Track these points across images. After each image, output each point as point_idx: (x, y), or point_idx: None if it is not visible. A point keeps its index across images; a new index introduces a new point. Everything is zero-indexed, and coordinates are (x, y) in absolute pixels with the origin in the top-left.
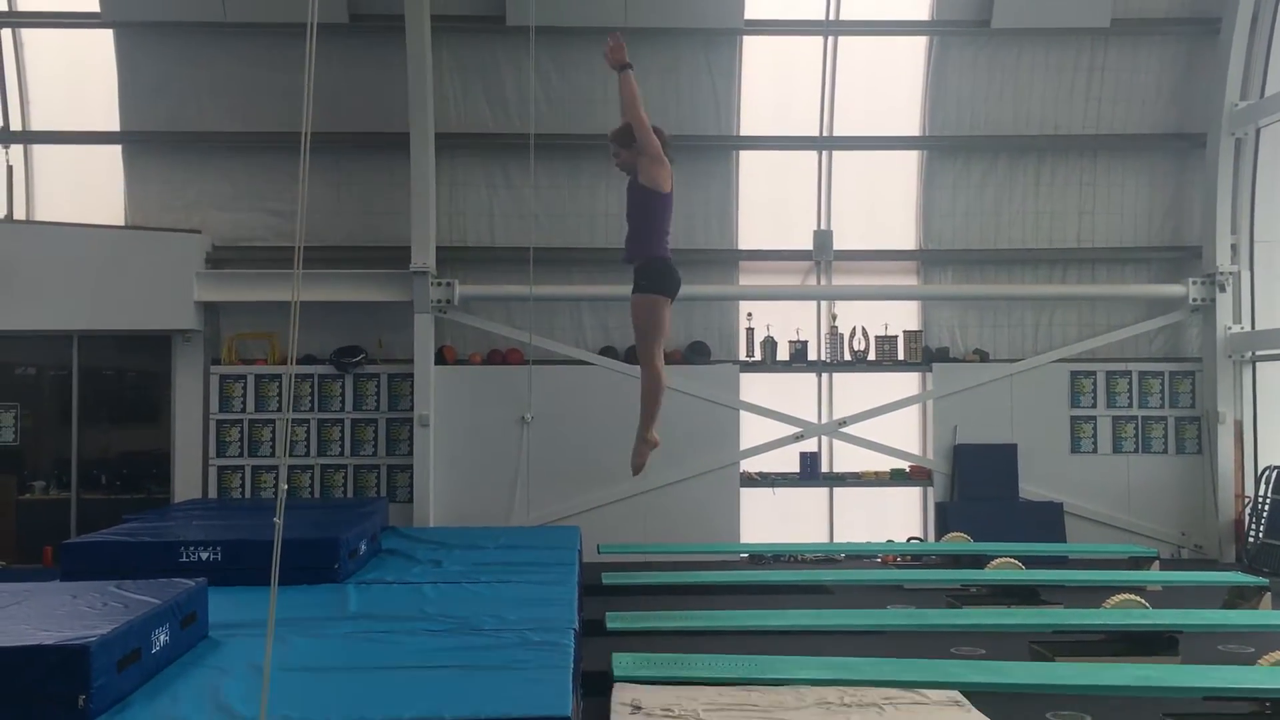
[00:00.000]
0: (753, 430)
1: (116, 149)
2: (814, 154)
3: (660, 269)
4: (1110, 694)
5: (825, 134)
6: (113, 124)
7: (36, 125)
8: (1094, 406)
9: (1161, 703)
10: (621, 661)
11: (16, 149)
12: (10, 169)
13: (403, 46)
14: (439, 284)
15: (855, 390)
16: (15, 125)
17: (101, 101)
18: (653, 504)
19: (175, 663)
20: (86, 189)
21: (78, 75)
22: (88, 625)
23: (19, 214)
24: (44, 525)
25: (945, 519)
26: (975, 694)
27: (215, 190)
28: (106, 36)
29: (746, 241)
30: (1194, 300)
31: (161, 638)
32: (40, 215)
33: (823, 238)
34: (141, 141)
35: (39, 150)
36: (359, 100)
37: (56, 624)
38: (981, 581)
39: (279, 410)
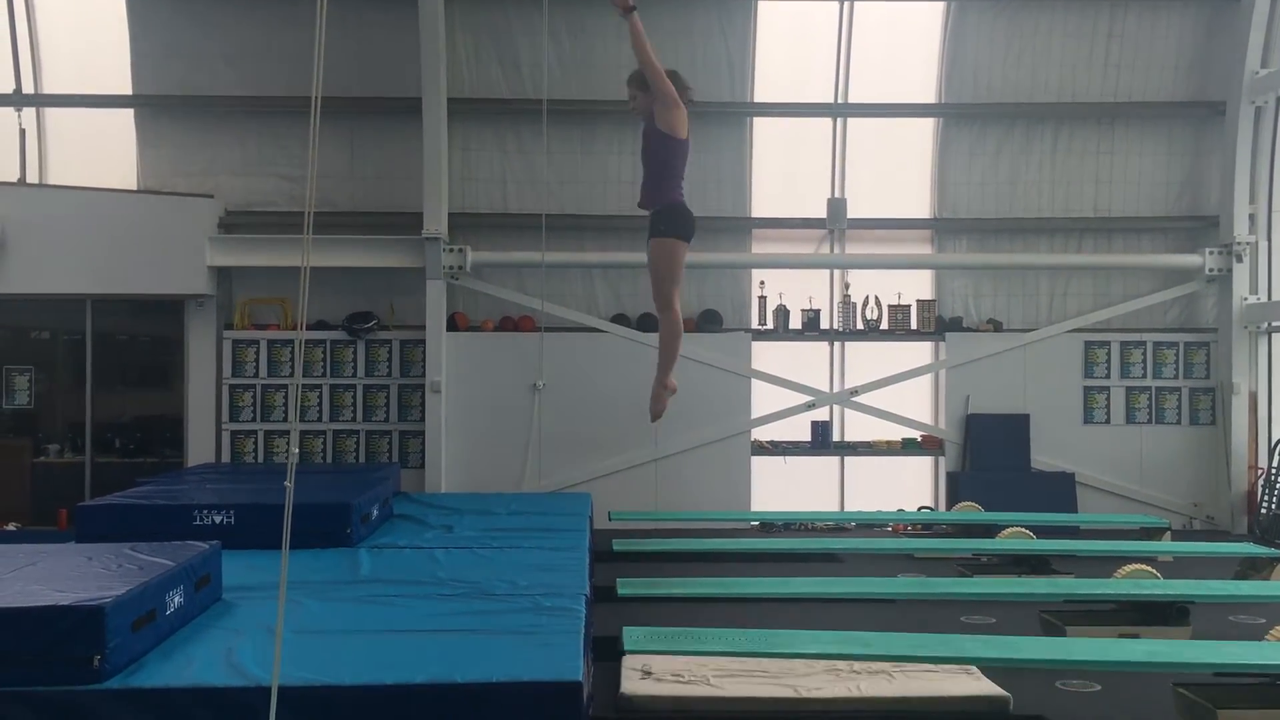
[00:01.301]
0: (764, 399)
1: (129, 113)
2: (828, 121)
3: (679, 213)
4: (1120, 669)
5: (840, 101)
6: (125, 87)
7: (49, 88)
8: (1107, 377)
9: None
10: (632, 635)
11: (29, 112)
12: (23, 132)
13: (415, 10)
14: (451, 250)
15: (867, 359)
16: (28, 88)
17: (114, 65)
18: (664, 471)
19: (189, 624)
20: (99, 153)
21: (90, 38)
22: (103, 586)
23: (31, 177)
24: (58, 488)
25: (956, 488)
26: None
27: (228, 155)
28: None
29: (759, 209)
30: (1210, 270)
31: (176, 599)
32: (53, 179)
33: (836, 206)
34: (154, 105)
35: (51, 113)
36: (371, 65)
37: (72, 585)
38: (992, 551)
39: (291, 375)
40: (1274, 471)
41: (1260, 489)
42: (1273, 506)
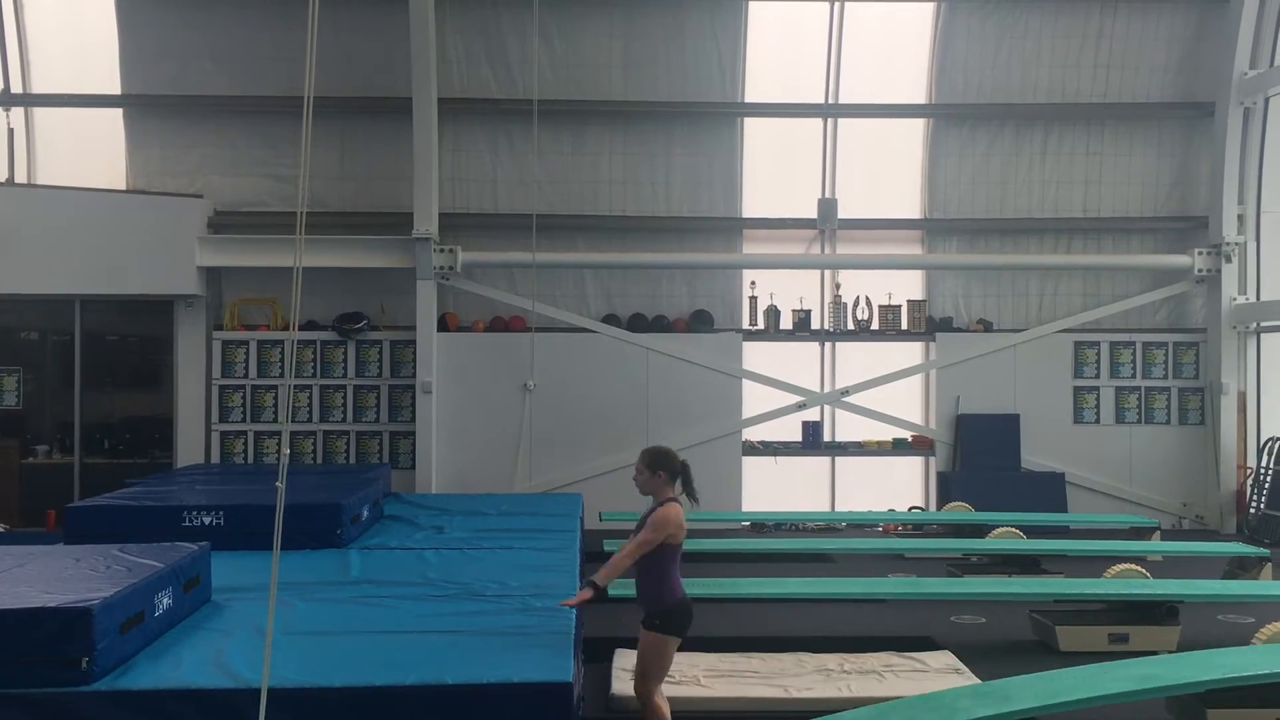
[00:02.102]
0: (755, 399)
1: (118, 112)
2: (819, 121)
3: (681, 612)
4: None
5: (831, 101)
6: (114, 87)
7: (37, 88)
8: (1097, 377)
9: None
10: None
11: (17, 111)
12: (11, 132)
13: (405, 11)
14: (442, 250)
15: (858, 360)
16: (16, 88)
17: (103, 64)
18: None
19: (178, 626)
20: (88, 152)
21: (79, 38)
22: (91, 588)
23: (20, 177)
24: (47, 489)
25: (947, 488)
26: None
27: (217, 154)
28: None
29: (751, 209)
30: (1199, 271)
31: (164, 601)
32: (41, 179)
33: (827, 206)
34: (143, 105)
35: (40, 113)
36: (362, 65)
37: (60, 587)
38: (982, 551)
39: (281, 376)
40: (1263, 471)
41: (1249, 489)
42: (1261, 506)
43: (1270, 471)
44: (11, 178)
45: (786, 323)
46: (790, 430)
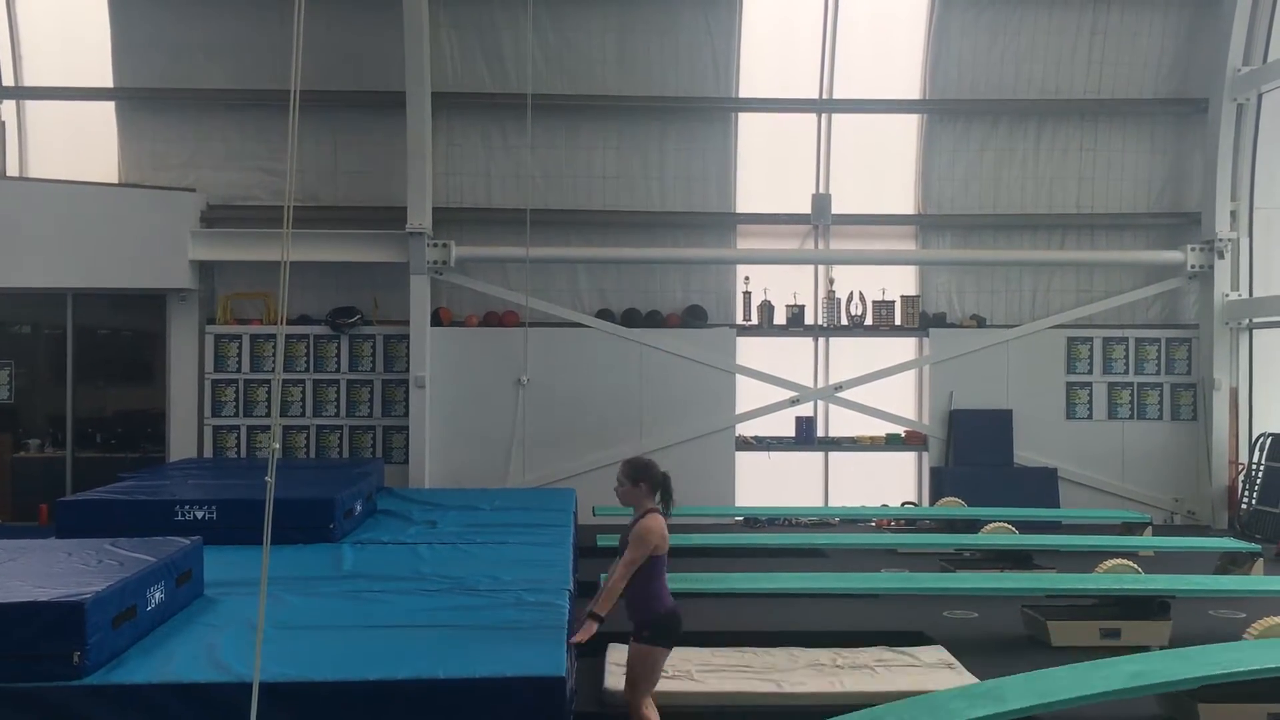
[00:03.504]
0: (749, 394)
1: (110, 106)
2: (813, 117)
3: (671, 622)
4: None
5: (825, 97)
6: (106, 80)
7: (29, 81)
8: (1090, 373)
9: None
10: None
11: (9, 105)
12: (2, 125)
13: (399, 4)
14: (435, 245)
15: (852, 355)
16: (7, 80)
17: (95, 58)
18: None
19: (170, 620)
20: (80, 146)
21: (71, 31)
22: (83, 582)
23: (12, 170)
24: (39, 483)
25: (940, 484)
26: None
27: (210, 148)
28: None
29: (745, 204)
30: (1192, 267)
31: (157, 595)
32: (34, 172)
33: (821, 201)
34: (135, 98)
35: (32, 106)
36: (355, 59)
37: (52, 581)
38: (975, 546)
39: (274, 370)
40: (1254, 467)
41: (1241, 484)
42: (1253, 502)
43: (1262, 467)
44: (3, 171)
45: (780, 318)
46: (784, 425)
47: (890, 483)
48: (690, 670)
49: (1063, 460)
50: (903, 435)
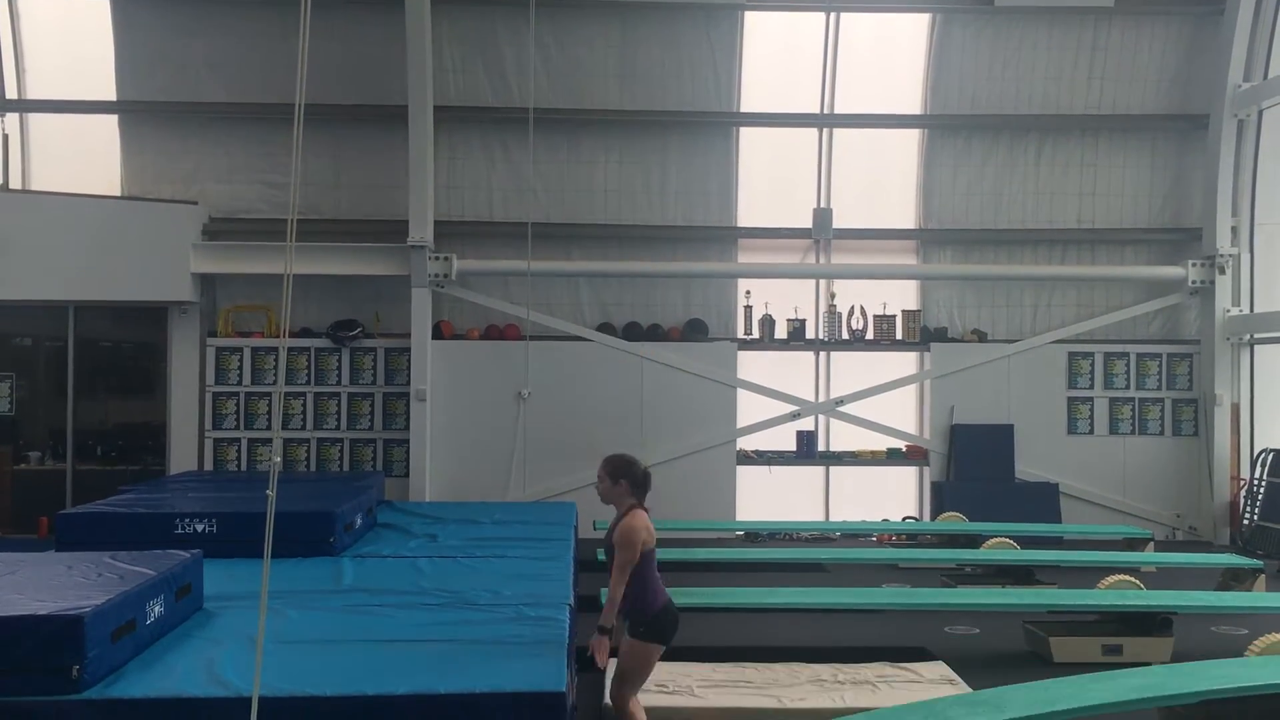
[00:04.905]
0: (750, 408)
1: (113, 119)
2: (814, 131)
3: (667, 618)
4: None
5: (826, 111)
6: (109, 93)
7: (33, 94)
8: (1091, 388)
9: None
10: None
11: (13, 117)
12: (6, 138)
13: (402, 19)
14: (437, 258)
15: (853, 369)
16: (11, 94)
17: (98, 71)
18: None
19: (170, 634)
20: (83, 159)
21: (74, 45)
22: (82, 596)
23: (15, 183)
24: (39, 496)
25: (941, 499)
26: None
27: (212, 161)
28: (103, 5)
29: (746, 219)
30: (1193, 282)
31: (156, 609)
32: (36, 185)
33: (822, 216)
34: (138, 111)
35: (35, 119)
36: (358, 73)
37: (51, 594)
38: (976, 561)
39: (275, 383)
40: (1256, 483)
41: (1243, 500)
42: (1255, 518)
43: (1263, 483)
44: (6, 183)
45: (781, 332)
46: (784, 440)
47: (891, 497)
48: (691, 686)
49: (1064, 475)
50: (904, 450)
